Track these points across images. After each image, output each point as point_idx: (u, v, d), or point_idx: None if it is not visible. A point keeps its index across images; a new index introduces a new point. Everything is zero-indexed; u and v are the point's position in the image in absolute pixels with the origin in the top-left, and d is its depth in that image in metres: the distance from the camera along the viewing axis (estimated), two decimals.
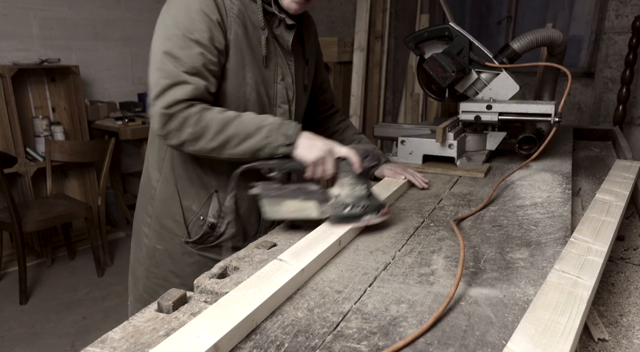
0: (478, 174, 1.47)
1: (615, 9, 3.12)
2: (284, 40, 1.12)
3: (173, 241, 1.18)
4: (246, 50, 1.06)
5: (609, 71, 3.22)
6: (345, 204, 0.98)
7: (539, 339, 0.58)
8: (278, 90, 1.14)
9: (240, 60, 1.06)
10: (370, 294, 0.78)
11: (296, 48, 1.18)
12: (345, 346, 0.64)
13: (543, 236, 1.00)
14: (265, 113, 1.11)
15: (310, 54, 1.27)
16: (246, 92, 1.08)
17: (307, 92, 1.28)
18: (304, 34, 1.23)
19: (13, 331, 2.56)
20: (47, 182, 3.23)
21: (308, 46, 1.26)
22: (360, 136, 1.46)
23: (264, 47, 1.08)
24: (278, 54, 1.13)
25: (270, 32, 1.10)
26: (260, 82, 1.10)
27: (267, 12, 1.08)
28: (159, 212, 1.19)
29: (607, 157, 1.83)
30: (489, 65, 1.60)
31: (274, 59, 1.12)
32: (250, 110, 1.07)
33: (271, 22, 1.10)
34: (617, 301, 0.85)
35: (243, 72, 1.07)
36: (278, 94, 1.15)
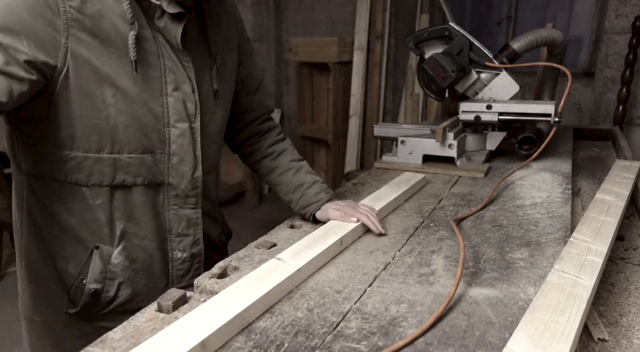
0: (478, 174, 1.47)
1: (615, 9, 3.12)
2: (171, 35, 0.83)
3: (51, 312, 0.94)
4: (100, 59, 0.77)
5: (609, 71, 3.22)
6: None
7: (539, 339, 0.58)
8: (170, 105, 0.86)
9: (91, 75, 0.77)
10: (370, 294, 0.78)
11: (195, 43, 0.89)
12: (345, 346, 0.64)
13: (543, 236, 1.00)
14: (152, 140, 0.85)
15: (220, 46, 0.95)
16: (110, 117, 0.80)
17: (223, 99, 0.98)
18: (207, 20, 0.91)
19: (13, 331, 2.56)
20: None
21: (216, 36, 0.94)
22: (300, 164, 1.12)
23: (132, 49, 0.78)
24: (164, 54, 0.83)
25: (147, 26, 0.81)
26: (136, 99, 0.81)
27: (139, 3, 0.80)
28: (29, 276, 0.96)
29: (607, 157, 1.83)
30: (489, 65, 1.60)
31: (158, 62, 0.83)
32: (122, 139, 0.82)
33: (148, 12, 0.81)
34: (617, 301, 0.85)
35: (100, 91, 0.78)
36: (170, 111, 0.86)
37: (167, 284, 0.97)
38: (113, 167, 0.84)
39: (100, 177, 0.85)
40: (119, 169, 0.85)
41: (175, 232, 0.95)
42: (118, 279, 0.90)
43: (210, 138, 0.96)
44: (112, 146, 0.83)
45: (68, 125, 0.80)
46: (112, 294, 0.90)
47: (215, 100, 0.95)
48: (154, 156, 0.87)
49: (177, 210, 0.94)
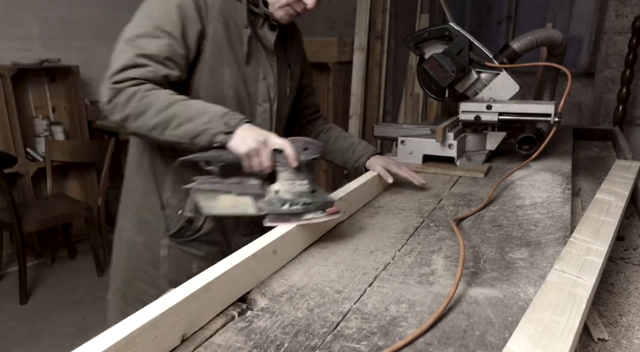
0: (478, 174, 1.47)
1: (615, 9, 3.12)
2: (267, 40, 1.13)
3: (152, 234, 1.18)
4: (225, 47, 1.06)
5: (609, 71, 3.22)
6: (283, 200, 0.91)
7: (539, 339, 0.58)
8: (259, 89, 1.14)
9: (218, 57, 1.06)
10: (370, 294, 0.78)
11: (279, 50, 1.18)
12: (345, 345, 0.64)
13: (543, 236, 1.00)
14: (245, 112, 1.11)
15: (293, 59, 1.27)
16: (223, 88, 1.08)
17: (291, 95, 1.27)
18: (287, 39, 1.23)
19: (13, 331, 2.56)
20: (47, 182, 3.23)
21: (291, 51, 1.26)
22: (346, 133, 1.44)
23: (245, 45, 1.08)
24: (260, 53, 1.13)
25: (253, 30, 1.10)
26: (240, 79, 1.10)
27: (252, 11, 1.09)
28: (139, 205, 1.20)
29: (607, 157, 1.83)
30: (489, 65, 1.60)
31: (256, 58, 1.12)
32: (228, 107, 1.02)
33: (255, 22, 1.11)
34: (617, 301, 0.85)
35: (221, 69, 1.07)
36: (259, 92, 1.14)
37: (235, 227, 1.22)
38: None
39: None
40: None
41: None
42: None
43: (280, 120, 1.24)
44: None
45: (196, 90, 1.07)
46: (199, 224, 1.17)
47: (287, 94, 1.25)
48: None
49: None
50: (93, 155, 3.23)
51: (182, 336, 0.65)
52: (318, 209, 0.92)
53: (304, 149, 0.92)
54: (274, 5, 1.09)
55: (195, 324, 0.68)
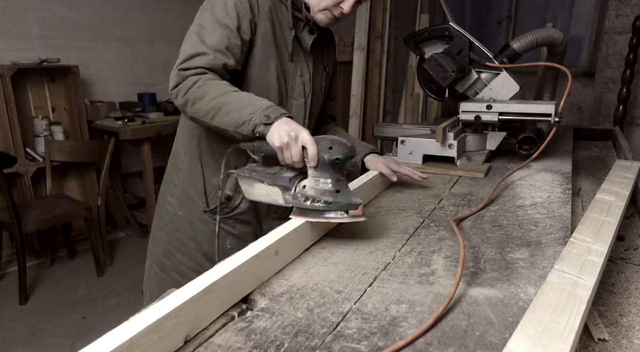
0: (478, 174, 1.47)
1: (616, 8, 3.12)
2: (305, 42, 1.25)
3: (193, 209, 1.31)
4: (272, 44, 1.19)
5: (609, 71, 3.22)
6: (306, 196, 0.94)
7: (539, 339, 0.57)
8: (296, 85, 1.26)
9: (267, 52, 1.19)
10: (370, 294, 0.78)
11: (315, 52, 1.30)
12: (345, 346, 0.64)
13: (543, 236, 1.00)
14: (283, 103, 1.25)
15: (328, 61, 1.39)
16: (269, 80, 1.21)
17: (324, 94, 1.38)
18: (324, 43, 1.35)
19: (13, 331, 2.56)
20: (47, 182, 3.22)
21: (326, 55, 1.37)
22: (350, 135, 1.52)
23: (290, 44, 1.22)
24: (299, 53, 1.26)
25: (295, 32, 1.23)
26: (282, 74, 1.23)
27: (295, 16, 1.21)
28: (183, 182, 1.32)
29: (607, 157, 1.83)
30: (489, 65, 1.60)
31: (296, 57, 1.25)
32: (272, 98, 1.17)
33: (297, 25, 1.23)
34: (617, 301, 0.85)
35: (268, 63, 1.20)
36: (296, 88, 1.27)
37: (267, 211, 1.34)
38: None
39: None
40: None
41: None
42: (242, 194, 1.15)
43: (312, 115, 1.35)
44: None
45: (250, 80, 1.20)
46: (237, 203, 1.29)
47: (321, 92, 1.36)
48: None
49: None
50: (93, 155, 3.23)
51: (185, 337, 0.65)
52: (340, 209, 0.92)
53: (329, 148, 0.92)
54: (314, 9, 1.19)
55: (198, 325, 0.67)
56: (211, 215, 1.30)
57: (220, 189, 1.22)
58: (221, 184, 1.21)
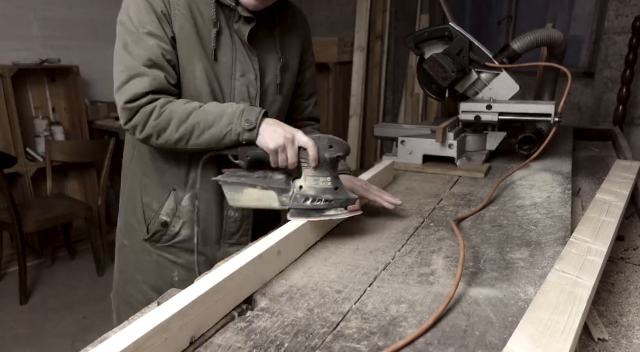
0: (478, 174, 1.47)
1: (615, 9, 3.12)
2: (242, 34, 1.06)
3: (135, 237, 1.18)
4: (195, 43, 1.03)
5: (609, 71, 3.22)
6: (306, 196, 0.93)
7: (539, 339, 0.58)
8: (236, 87, 1.08)
9: (188, 53, 1.03)
10: (370, 294, 0.78)
11: (265, 43, 1.11)
12: (345, 345, 0.64)
13: (543, 236, 1.00)
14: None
15: (286, 49, 1.17)
16: (197, 85, 1.05)
17: (283, 92, 1.18)
18: (278, 29, 1.14)
19: (13, 331, 2.56)
20: (47, 182, 3.23)
21: (285, 43, 1.16)
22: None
23: (213, 41, 1.04)
24: (237, 49, 1.07)
25: (227, 25, 1.06)
26: (213, 77, 1.06)
27: (223, 5, 1.04)
28: (125, 207, 1.20)
29: (607, 157, 1.83)
30: (489, 65, 1.60)
31: (231, 54, 1.07)
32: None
33: (230, 16, 1.06)
34: (617, 300, 0.85)
35: (192, 66, 1.04)
36: (236, 91, 1.09)
37: (220, 237, 1.18)
38: None
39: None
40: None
41: None
42: (183, 218, 1.13)
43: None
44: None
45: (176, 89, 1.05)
46: (176, 230, 1.14)
47: (278, 92, 1.16)
48: None
49: None
50: (93, 155, 3.23)
51: (191, 337, 0.65)
52: (340, 206, 0.94)
53: (328, 146, 0.93)
54: None
55: (204, 326, 0.67)
56: (152, 244, 1.16)
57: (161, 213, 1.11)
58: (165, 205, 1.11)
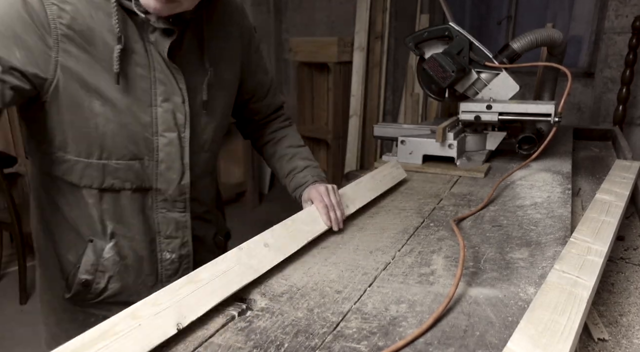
0: (478, 174, 1.47)
1: (615, 9, 3.12)
2: (161, 49, 0.85)
3: (54, 293, 1.00)
4: (89, 72, 0.80)
5: (609, 71, 3.23)
6: None
7: (539, 339, 0.58)
8: (158, 115, 0.88)
9: (79, 87, 0.81)
10: (370, 294, 0.78)
11: (189, 55, 0.91)
12: (345, 346, 0.64)
13: (543, 236, 1.00)
14: (140, 148, 0.88)
15: (217, 58, 0.96)
16: (98, 125, 0.83)
17: (214, 110, 0.98)
18: (206, 34, 0.93)
19: (13, 331, 2.56)
20: None
21: (215, 51, 0.95)
22: (297, 150, 1.16)
23: (115, 62, 0.80)
24: (155, 67, 0.86)
25: (139, 38, 0.84)
26: (123, 109, 0.84)
27: (132, 13, 0.81)
28: (39, 260, 1.03)
29: (607, 157, 1.83)
30: (489, 65, 1.60)
31: (148, 76, 0.85)
32: (110, 146, 0.85)
33: (142, 27, 0.84)
34: (617, 300, 0.85)
35: (88, 102, 0.82)
36: (159, 120, 0.88)
37: (156, 282, 1.01)
38: (102, 171, 0.89)
39: (90, 180, 0.89)
40: (108, 173, 0.89)
41: (164, 234, 0.99)
42: (108, 272, 0.95)
43: (202, 147, 0.98)
44: (100, 152, 0.87)
45: (61, 131, 0.85)
46: (102, 286, 0.95)
47: (204, 111, 0.95)
48: (142, 163, 0.91)
49: (165, 213, 0.97)
50: None
51: (177, 325, 0.65)
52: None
53: None
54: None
55: (188, 314, 0.68)
56: (74, 301, 0.97)
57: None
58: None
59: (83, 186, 0.89)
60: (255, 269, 0.81)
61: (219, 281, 0.74)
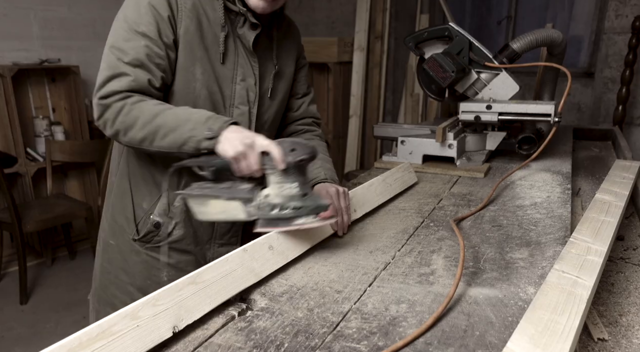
0: (478, 174, 1.47)
1: (615, 9, 3.12)
2: (246, 40, 1.07)
3: (123, 237, 1.15)
4: (198, 45, 1.02)
5: (608, 71, 3.22)
6: (272, 205, 0.87)
7: (539, 339, 0.58)
8: (236, 91, 1.09)
9: (190, 55, 1.02)
10: (370, 294, 0.78)
11: (263, 51, 1.12)
12: (345, 345, 0.64)
13: (543, 235, 1.00)
14: (220, 113, 1.06)
15: (283, 60, 1.19)
16: (195, 88, 1.04)
17: (276, 99, 1.18)
18: (275, 37, 1.15)
19: (13, 331, 2.56)
20: (47, 182, 3.23)
21: (281, 51, 1.18)
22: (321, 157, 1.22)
23: (222, 44, 1.04)
24: (240, 53, 1.08)
25: (232, 30, 1.06)
26: (214, 79, 1.05)
27: (231, 10, 1.04)
28: (113, 207, 1.17)
29: (607, 157, 1.83)
30: (489, 65, 1.60)
31: (234, 58, 1.07)
32: (201, 108, 1.01)
33: (235, 21, 1.06)
34: (617, 300, 0.85)
35: (193, 68, 1.03)
36: (236, 94, 1.09)
37: (211, 237, 1.16)
38: None
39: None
40: None
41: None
42: (175, 219, 1.11)
43: (263, 125, 1.16)
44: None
45: (173, 91, 1.04)
46: (169, 230, 1.12)
47: (271, 98, 1.15)
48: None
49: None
50: (93, 155, 3.23)
51: (173, 327, 0.65)
52: (310, 213, 0.87)
53: (291, 150, 0.86)
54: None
55: (186, 317, 0.67)
56: (142, 244, 1.13)
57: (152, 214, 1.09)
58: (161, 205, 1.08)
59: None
60: (257, 273, 0.81)
61: (220, 283, 0.74)
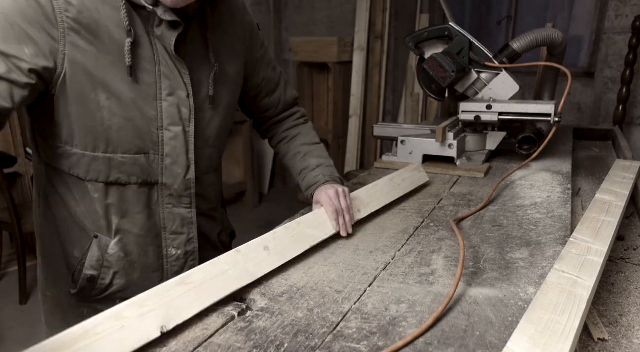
0: (478, 174, 1.47)
1: (615, 9, 3.12)
2: (166, 43, 0.85)
3: (60, 290, 0.99)
4: (96, 65, 0.80)
5: (609, 71, 3.22)
6: None
7: (539, 339, 0.58)
8: (164, 109, 0.88)
9: (86, 80, 0.81)
10: (370, 294, 0.78)
11: (195, 50, 0.92)
12: (345, 346, 0.64)
13: (543, 236, 1.00)
14: (145, 141, 0.88)
15: (222, 53, 0.97)
16: (104, 118, 0.84)
17: (220, 105, 0.98)
18: (210, 29, 0.93)
19: (13, 331, 2.56)
20: None
21: (220, 45, 0.96)
22: (311, 148, 1.15)
23: (127, 56, 0.81)
24: (161, 61, 0.86)
25: (145, 33, 0.84)
26: (129, 102, 0.84)
27: (137, 6, 0.82)
28: (43, 254, 1.02)
29: (607, 157, 1.83)
30: (489, 65, 1.60)
31: (153, 70, 0.86)
32: (116, 140, 0.86)
33: (148, 21, 0.84)
34: (617, 301, 0.85)
35: (94, 94, 0.82)
36: (164, 114, 0.88)
37: (161, 278, 1.00)
38: (108, 165, 0.89)
39: (97, 174, 0.89)
40: (114, 167, 0.89)
41: (170, 230, 0.98)
42: (113, 268, 0.95)
43: (206, 142, 0.98)
44: (106, 146, 0.87)
45: (67, 125, 0.85)
46: (107, 281, 0.96)
47: (210, 106, 0.96)
48: (148, 157, 0.91)
49: (171, 209, 0.97)
50: None
51: (161, 327, 0.65)
52: None
53: None
54: None
55: (174, 317, 0.67)
56: (80, 297, 0.96)
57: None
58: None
59: (89, 180, 0.90)
60: (251, 273, 0.80)
61: (212, 284, 0.73)
